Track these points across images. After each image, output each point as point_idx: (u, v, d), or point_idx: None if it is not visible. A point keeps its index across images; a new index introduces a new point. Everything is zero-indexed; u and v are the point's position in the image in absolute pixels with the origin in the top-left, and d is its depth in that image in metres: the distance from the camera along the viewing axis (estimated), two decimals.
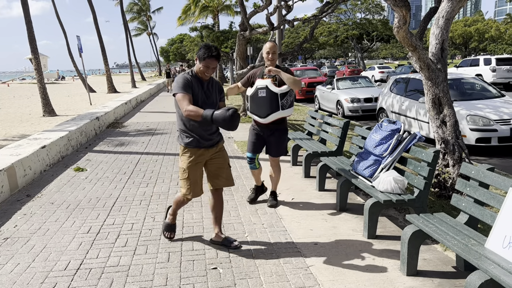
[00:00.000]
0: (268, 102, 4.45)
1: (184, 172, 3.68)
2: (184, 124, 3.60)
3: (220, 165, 3.80)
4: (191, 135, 3.60)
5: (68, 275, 3.40)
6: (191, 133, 3.60)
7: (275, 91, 4.44)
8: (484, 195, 3.13)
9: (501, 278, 2.39)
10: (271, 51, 4.50)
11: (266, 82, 4.48)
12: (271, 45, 4.52)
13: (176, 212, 4.04)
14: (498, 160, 7.45)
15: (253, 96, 4.55)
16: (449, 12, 4.86)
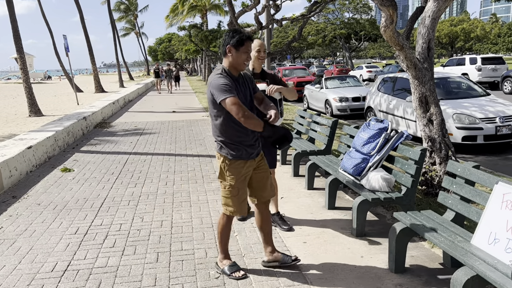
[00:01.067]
0: None
1: (233, 189, 3.15)
2: (229, 134, 3.06)
3: (266, 175, 3.32)
4: (238, 145, 3.09)
5: (55, 276, 3.36)
6: (237, 143, 3.08)
7: (274, 97, 4.06)
8: (470, 193, 3.17)
9: (487, 273, 2.43)
10: (262, 49, 3.98)
11: (262, 87, 3.96)
12: (260, 43, 4.01)
13: (227, 248, 3.42)
14: (484, 158, 7.55)
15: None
16: (435, 11, 4.91)
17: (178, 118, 13.29)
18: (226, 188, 3.18)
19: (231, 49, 3.01)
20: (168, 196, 5.36)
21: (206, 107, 16.22)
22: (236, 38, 2.98)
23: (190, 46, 34.11)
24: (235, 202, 3.18)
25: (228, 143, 3.08)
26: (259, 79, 4.04)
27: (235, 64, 3.04)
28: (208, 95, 3.03)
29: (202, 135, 9.87)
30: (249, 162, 3.16)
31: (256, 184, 3.30)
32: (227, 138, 3.08)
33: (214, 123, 3.10)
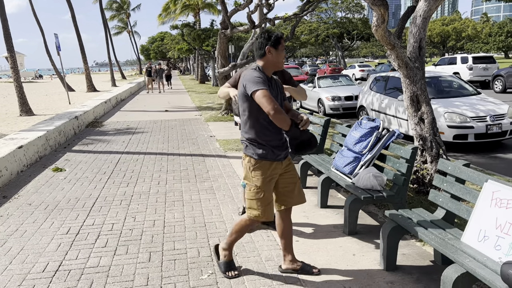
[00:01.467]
0: None
1: (259, 191, 3.04)
2: (256, 131, 2.99)
3: (293, 180, 3.22)
4: (265, 145, 3.00)
5: (46, 277, 3.34)
6: (264, 142, 3.00)
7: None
8: (460, 190, 3.20)
9: (476, 270, 2.45)
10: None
11: None
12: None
13: (233, 245, 3.35)
14: (475, 157, 7.62)
15: None
16: (426, 11, 4.94)
17: (170, 117, 13.25)
18: (251, 189, 3.06)
19: (270, 49, 3.01)
20: (161, 195, 5.35)
21: (199, 106, 16.20)
22: (273, 38, 3.01)
23: (183, 45, 33.98)
24: (260, 205, 3.05)
25: (254, 142, 3.00)
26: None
27: (276, 62, 3.05)
28: (240, 89, 2.98)
29: (194, 134, 9.85)
30: (275, 164, 3.06)
31: (283, 189, 3.19)
32: (254, 136, 2.99)
33: (242, 119, 3.05)
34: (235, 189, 5.52)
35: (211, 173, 6.38)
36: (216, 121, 12.14)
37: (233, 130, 10.24)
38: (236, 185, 5.69)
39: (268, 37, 3.02)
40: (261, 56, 3.05)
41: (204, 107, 16.04)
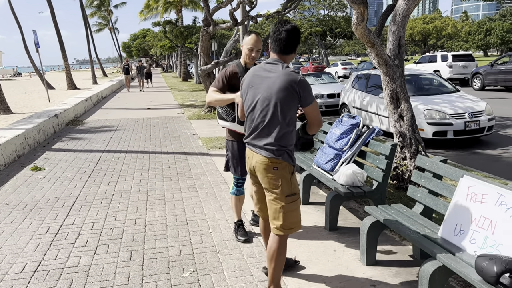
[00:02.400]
0: None
1: (298, 199, 2.78)
2: (291, 138, 2.71)
3: None
4: (293, 150, 2.80)
5: (24, 277, 3.29)
6: (293, 148, 2.79)
7: None
8: (438, 186, 3.27)
9: (452, 264, 2.51)
10: (255, 48, 3.47)
11: None
12: (256, 41, 3.46)
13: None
14: (454, 153, 7.77)
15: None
16: (405, 9, 5.01)
17: (153, 115, 13.15)
18: (296, 201, 2.75)
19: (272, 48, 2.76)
20: (142, 194, 5.31)
21: (181, 104, 16.10)
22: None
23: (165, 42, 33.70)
24: (298, 215, 2.79)
25: (289, 148, 2.71)
26: None
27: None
28: (288, 94, 2.59)
29: (177, 132, 9.80)
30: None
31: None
32: (287, 143, 2.69)
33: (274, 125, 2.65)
34: (218, 187, 5.51)
35: (193, 171, 6.35)
36: (199, 119, 12.09)
37: (216, 128, 10.22)
38: (218, 183, 5.69)
39: (299, 33, 2.74)
40: (288, 52, 2.73)
41: (187, 104, 15.95)
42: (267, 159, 2.67)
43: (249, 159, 2.83)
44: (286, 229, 2.73)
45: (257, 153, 2.72)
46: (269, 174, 2.68)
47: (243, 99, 2.84)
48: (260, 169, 2.71)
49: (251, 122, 2.75)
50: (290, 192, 2.70)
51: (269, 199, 2.75)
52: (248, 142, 2.80)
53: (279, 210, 2.70)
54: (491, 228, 2.60)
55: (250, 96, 2.75)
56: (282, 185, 2.68)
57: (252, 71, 2.80)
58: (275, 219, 2.74)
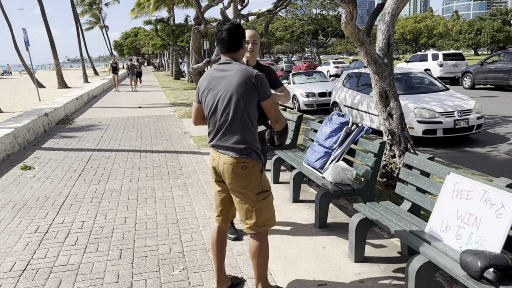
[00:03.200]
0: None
1: (270, 196, 2.76)
2: (255, 135, 2.69)
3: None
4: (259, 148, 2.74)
5: (13, 276, 3.28)
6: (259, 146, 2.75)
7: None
8: (425, 183, 3.31)
9: (438, 259, 2.54)
10: (251, 40, 3.55)
11: None
12: (251, 33, 3.57)
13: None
14: (443, 151, 7.84)
15: None
16: (394, 8, 5.05)
17: (144, 113, 13.10)
18: (267, 198, 2.73)
19: (243, 42, 2.76)
20: (133, 192, 5.30)
21: (173, 103, 16.06)
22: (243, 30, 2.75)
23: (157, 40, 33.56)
24: (271, 211, 2.78)
25: (254, 145, 2.68)
26: None
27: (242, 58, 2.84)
28: (247, 90, 2.57)
29: (168, 131, 9.78)
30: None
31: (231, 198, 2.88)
32: (254, 141, 2.68)
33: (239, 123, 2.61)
34: (208, 186, 5.52)
35: (184, 169, 6.35)
36: (191, 117, 12.07)
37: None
38: (209, 182, 5.70)
39: (242, 28, 2.74)
40: (235, 50, 2.72)
41: (179, 103, 15.91)
42: (234, 159, 2.61)
43: (214, 161, 2.74)
44: (260, 227, 2.70)
45: (223, 154, 2.66)
46: (237, 174, 2.63)
47: (203, 104, 2.75)
48: (228, 170, 2.64)
49: (214, 123, 2.68)
50: (261, 189, 2.68)
51: (238, 199, 2.70)
52: (214, 145, 2.72)
53: (251, 209, 2.67)
54: (476, 224, 2.64)
55: (210, 98, 2.67)
56: (252, 183, 2.65)
57: (207, 75, 2.72)
58: (247, 219, 2.70)
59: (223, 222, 2.93)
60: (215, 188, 2.87)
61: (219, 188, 2.84)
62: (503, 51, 18.30)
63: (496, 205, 2.56)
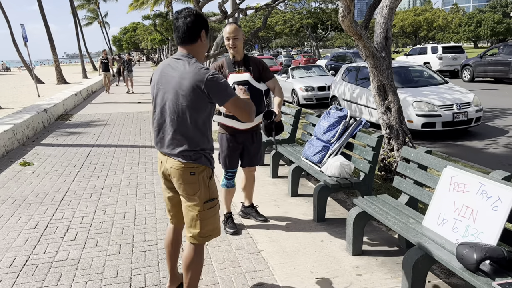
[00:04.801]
0: (252, 100, 3.40)
1: (217, 205, 2.59)
2: (206, 137, 2.50)
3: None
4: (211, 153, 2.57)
5: (13, 271, 3.30)
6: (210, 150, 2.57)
7: (259, 88, 3.64)
8: (422, 176, 3.32)
9: (434, 252, 2.56)
10: (231, 36, 3.52)
11: (245, 77, 3.58)
12: (231, 29, 3.53)
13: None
14: (442, 144, 7.85)
15: None
16: (392, 1, 5.03)
17: (143, 109, 13.09)
18: (214, 207, 2.56)
19: (203, 34, 2.50)
20: (132, 188, 5.31)
21: None
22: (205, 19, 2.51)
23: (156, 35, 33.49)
24: (217, 221, 2.60)
25: (206, 149, 2.51)
26: (241, 67, 3.65)
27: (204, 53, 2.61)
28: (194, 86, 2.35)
29: None
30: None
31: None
32: (207, 145, 2.52)
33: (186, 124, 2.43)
34: None
35: None
36: None
37: None
38: None
39: (202, 18, 2.47)
40: (190, 41, 2.46)
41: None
42: (182, 164, 2.43)
43: (162, 164, 2.56)
44: (202, 237, 2.52)
45: (171, 158, 2.47)
46: (185, 180, 2.45)
47: (154, 97, 2.55)
48: (176, 174, 2.46)
49: (160, 126, 2.51)
50: (208, 197, 2.50)
51: (185, 205, 2.52)
52: (160, 149, 2.55)
53: (196, 218, 2.49)
54: (473, 217, 2.65)
55: (159, 97, 2.49)
56: (200, 191, 2.48)
57: (160, 68, 2.53)
58: (191, 227, 2.52)
59: (178, 224, 2.79)
60: (165, 194, 2.71)
61: (170, 193, 2.68)
62: (503, 44, 18.26)
63: (493, 197, 2.57)
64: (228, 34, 3.55)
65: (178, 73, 2.39)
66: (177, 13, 2.48)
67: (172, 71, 2.43)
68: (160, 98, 2.49)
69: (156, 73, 2.55)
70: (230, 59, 3.69)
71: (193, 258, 2.56)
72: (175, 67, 2.43)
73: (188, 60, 2.42)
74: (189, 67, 2.37)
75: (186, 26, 2.41)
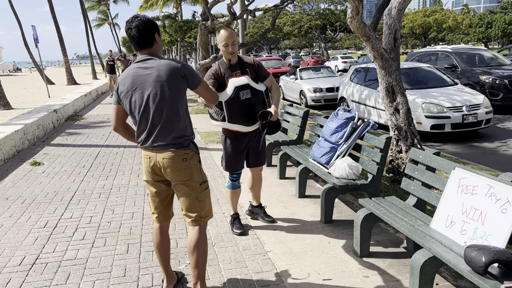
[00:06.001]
0: (255, 103, 3.52)
1: (208, 187, 2.81)
2: (190, 124, 2.74)
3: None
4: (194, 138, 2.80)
5: (23, 270, 3.34)
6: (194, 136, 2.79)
7: (260, 89, 3.58)
8: (430, 178, 3.30)
9: (442, 254, 2.54)
10: (230, 42, 3.49)
11: (244, 80, 3.52)
12: (226, 35, 3.48)
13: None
14: (451, 146, 7.79)
15: (233, 100, 3.47)
16: (401, 2, 5.01)
17: None
18: (207, 188, 2.78)
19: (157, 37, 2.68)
20: (140, 188, 5.35)
21: None
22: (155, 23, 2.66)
23: (165, 37, 33.62)
24: (210, 201, 2.84)
25: (193, 138, 2.75)
26: (237, 71, 3.61)
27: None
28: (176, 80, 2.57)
29: None
30: None
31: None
32: (191, 132, 2.74)
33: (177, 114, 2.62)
34: (215, 181, 5.55)
35: None
36: (198, 113, 12.11)
37: None
38: (216, 177, 5.73)
39: (153, 23, 2.64)
40: (147, 46, 2.64)
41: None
42: (173, 153, 2.59)
43: (150, 159, 2.66)
44: (203, 218, 2.74)
45: (162, 151, 2.61)
46: (179, 167, 2.62)
47: (128, 104, 2.62)
48: (169, 164, 2.60)
49: (145, 123, 2.61)
50: (201, 180, 2.71)
51: (182, 192, 2.68)
52: (150, 144, 2.63)
53: (195, 200, 2.69)
54: (481, 219, 2.63)
55: (137, 98, 2.58)
56: (194, 174, 2.66)
57: (128, 74, 2.63)
58: (192, 211, 2.71)
59: (165, 221, 2.88)
60: (152, 190, 2.78)
61: (157, 188, 2.76)
62: None
63: (501, 200, 2.55)
64: (226, 41, 3.48)
65: (153, 69, 2.56)
66: (129, 23, 2.62)
67: (145, 70, 2.58)
68: (139, 97, 2.58)
69: (127, 79, 2.62)
70: (225, 64, 3.62)
71: (198, 239, 2.71)
72: (146, 66, 2.59)
73: (155, 57, 2.62)
74: (162, 61, 2.58)
75: (140, 33, 2.59)
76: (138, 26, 2.58)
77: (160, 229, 2.87)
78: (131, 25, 2.60)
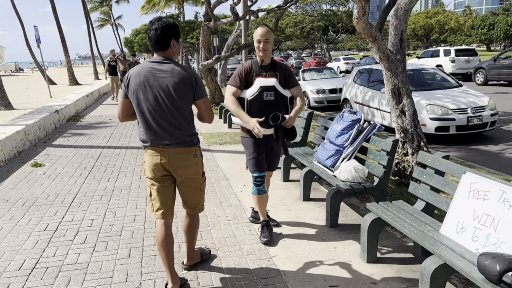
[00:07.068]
0: (276, 107, 3.49)
1: (205, 179, 3.07)
2: (194, 124, 2.93)
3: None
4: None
5: (22, 275, 3.27)
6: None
7: (285, 94, 3.55)
8: (440, 182, 3.22)
9: (454, 262, 2.47)
10: (262, 39, 3.45)
11: (271, 82, 3.49)
12: (262, 31, 3.45)
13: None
14: (456, 148, 7.71)
15: (256, 99, 3.45)
16: (407, 3, 4.94)
17: None
18: (200, 181, 2.98)
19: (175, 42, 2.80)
20: (142, 190, 5.28)
21: None
22: (178, 29, 2.80)
23: None
24: (204, 196, 3.14)
25: (197, 134, 2.97)
26: (268, 71, 3.56)
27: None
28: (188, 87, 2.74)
29: None
30: None
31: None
32: (195, 130, 2.94)
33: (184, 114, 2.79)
34: (218, 183, 5.48)
35: None
36: None
37: (217, 124, 10.18)
38: (219, 179, 5.66)
39: (172, 28, 2.74)
40: (164, 48, 2.76)
41: None
42: (186, 150, 2.81)
43: (160, 157, 2.78)
44: (203, 205, 3.11)
45: (174, 148, 2.78)
46: (190, 162, 2.84)
47: (136, 100, 2.73)
48: (181, 160, 2.80)
49: (156, 123, 2.74)
50: (202, 171, 2.99)
51: (189, 186, 2.91)
52: (161, 143, 2.77)
53: (199, 191, 2.99)
54: (494, 226, 2.56)
55: (149, 97, 2.70)
56: (199, 168, 2.92)
57: (141, 70, 2.72)
58: (196, 202, 3.02)
59: (169, 216, 2.96)
60: (159, 185, 2.86)
61: (165, 183, 2.87)
62: None
63: None
64: (260, 37, 3.46)
65: (168, 73, 2.71)
66: (151, 24, 2.76)
67: (160, 73, 2.71)
68: (151, 98, 2.71)
69: (139, 75, 2.72)
70: (258, 62, 3.58)
71: (196, 224, 3.14)
72: (161, 69, 2.72)
73: (170, 61, 2.76)
74: (177, 68, 2.73)
75: (157, 37, 2.72)
76: (157, 29, 2.71)
77: (165, 225, 2.94)
78: (151, 27, 2.74)
